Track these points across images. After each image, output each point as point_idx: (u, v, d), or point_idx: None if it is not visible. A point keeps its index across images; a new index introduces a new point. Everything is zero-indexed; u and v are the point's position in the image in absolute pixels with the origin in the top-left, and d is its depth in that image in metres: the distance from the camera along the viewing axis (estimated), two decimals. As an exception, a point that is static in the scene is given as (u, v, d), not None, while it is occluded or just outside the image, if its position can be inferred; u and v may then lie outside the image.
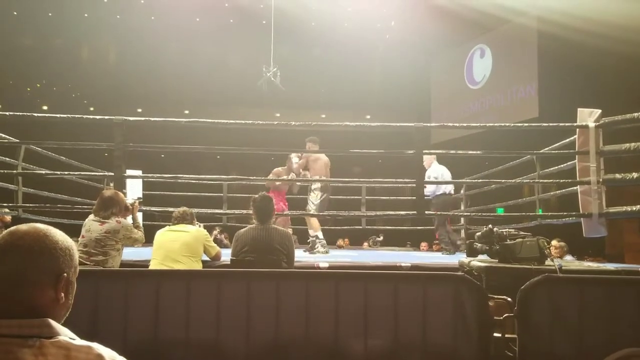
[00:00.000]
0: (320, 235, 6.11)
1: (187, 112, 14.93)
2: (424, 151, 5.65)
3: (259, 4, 12.40)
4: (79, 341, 1.08)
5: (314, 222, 6.14)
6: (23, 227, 1.14)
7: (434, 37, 13.68)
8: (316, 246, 6.06)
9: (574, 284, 2.17)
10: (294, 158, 6.35)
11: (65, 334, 1.09)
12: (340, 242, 11.42)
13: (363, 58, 14.86)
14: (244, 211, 5.07)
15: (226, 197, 7.91)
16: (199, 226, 4.32)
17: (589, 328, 2.07)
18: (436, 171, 6.69)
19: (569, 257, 6.57)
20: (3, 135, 5.44)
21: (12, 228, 1.15)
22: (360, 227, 8.78)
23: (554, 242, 6.49)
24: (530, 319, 2.08)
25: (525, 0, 11.53)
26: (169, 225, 4.20)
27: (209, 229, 7.07)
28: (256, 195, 3.87)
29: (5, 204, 5.93)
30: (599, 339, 2.05)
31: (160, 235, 4.05)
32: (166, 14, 13.52)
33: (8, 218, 6.57)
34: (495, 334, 2.07)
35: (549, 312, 2.09)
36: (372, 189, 10.46)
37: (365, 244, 11.10)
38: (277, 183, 6.51)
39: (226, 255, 4.13)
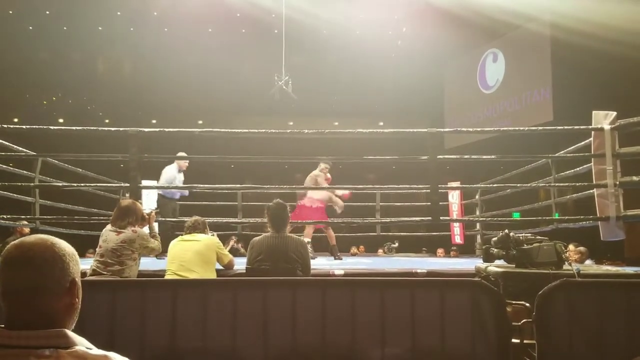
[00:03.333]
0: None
1: (200, 122, 15.05)
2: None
3: (271, 14, 12.48)
4: (95, 351, 1.09)
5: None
6: (29, 239, 1.14)
7: (446, 43, 13.66)
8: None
9: (593, 288, 2.14)
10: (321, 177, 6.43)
11: (82, 344, 1.10)
12: (354, 249, 11.37)
13: (375, 65, 14.86)
14: (259, 219, 5.08)
15: (241, 206, 7.92)
16: (213, 235, 4.32)
17: (609, 333, 2.04)
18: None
19: (588, 262, 6.49)
20: (20, 148, 5.50)
21: (17, 241, 1.15)
22: (375, 233, 8.75)
23: (571, 247, 6.41)
24: (549, 325, 2.05)
25: (538, 6, 11.47)
26: (182, 235, 4.22)
27: (225, 238, 7.11)
28: (271, 203, 3.87)
29: (23, 216, 6.01)
30: (619, 344, 2.02)
31: (174, 246, 4.06)
32: (179, 25, 13.68)
33: (26, 230, 6.66)
34: (514, 340, 2.04)
35: (567, 317, 2.06)
36: (386, 196, 10.42)
37: (380, 250, 11.02)
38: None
39: (241, 264, 4.14)
